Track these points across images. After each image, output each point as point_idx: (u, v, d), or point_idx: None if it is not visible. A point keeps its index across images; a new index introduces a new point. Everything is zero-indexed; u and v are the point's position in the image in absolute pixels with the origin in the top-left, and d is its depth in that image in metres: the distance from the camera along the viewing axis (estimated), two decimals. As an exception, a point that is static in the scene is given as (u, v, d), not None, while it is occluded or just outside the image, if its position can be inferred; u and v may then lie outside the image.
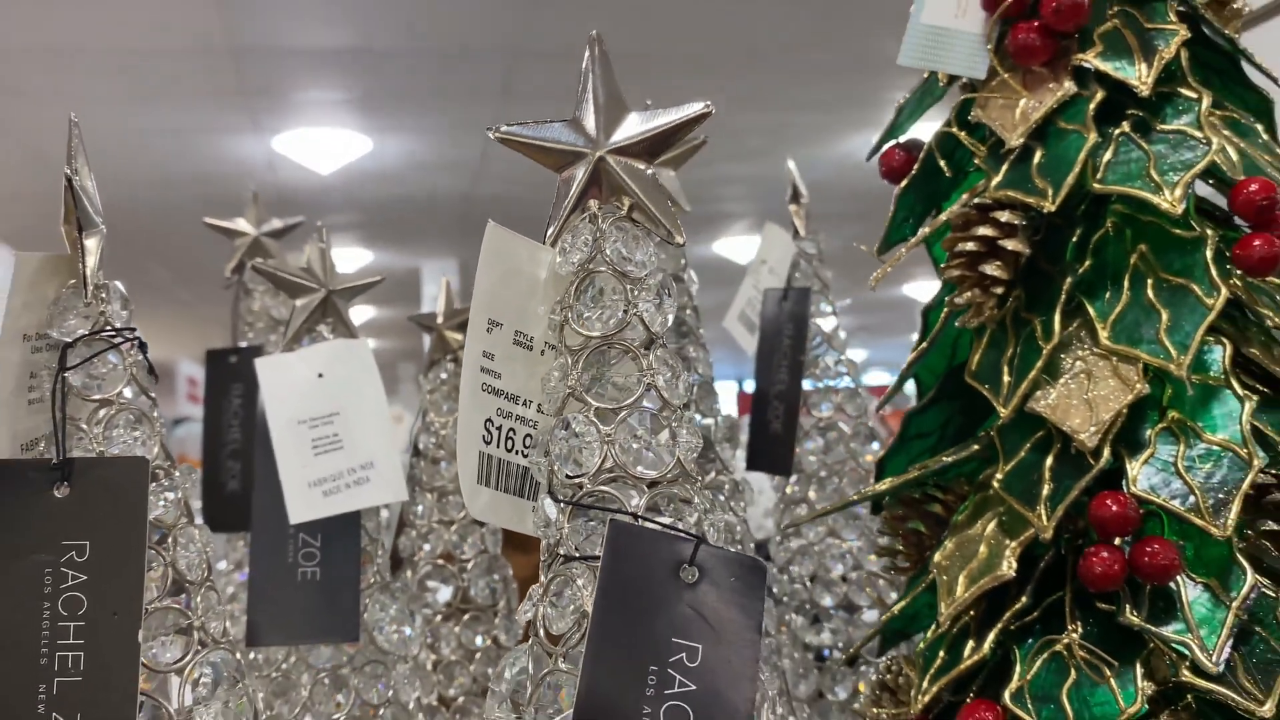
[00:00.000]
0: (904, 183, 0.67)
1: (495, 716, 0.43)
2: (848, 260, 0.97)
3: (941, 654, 0.61)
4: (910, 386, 0.74)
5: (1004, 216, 0.60)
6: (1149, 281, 0.59)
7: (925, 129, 0.69)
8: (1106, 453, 0.57)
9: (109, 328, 0.48)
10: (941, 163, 0.65)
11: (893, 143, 0.70)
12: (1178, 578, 0.55)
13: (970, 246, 0.60)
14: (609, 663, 0.39)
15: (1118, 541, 0.56)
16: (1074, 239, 0.62)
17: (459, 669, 0.84)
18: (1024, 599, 0.59)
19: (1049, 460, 0.59)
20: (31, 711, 0.45)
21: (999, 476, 0.61)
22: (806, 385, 0.96)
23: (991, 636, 0.59)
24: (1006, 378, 0.61)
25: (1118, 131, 0.60)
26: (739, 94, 4.79)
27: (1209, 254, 0.58)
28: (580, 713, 0.38)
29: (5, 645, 0.46)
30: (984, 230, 0.60)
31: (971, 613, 0.61)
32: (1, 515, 0.46)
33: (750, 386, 0.98)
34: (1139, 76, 0.59)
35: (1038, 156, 0.61)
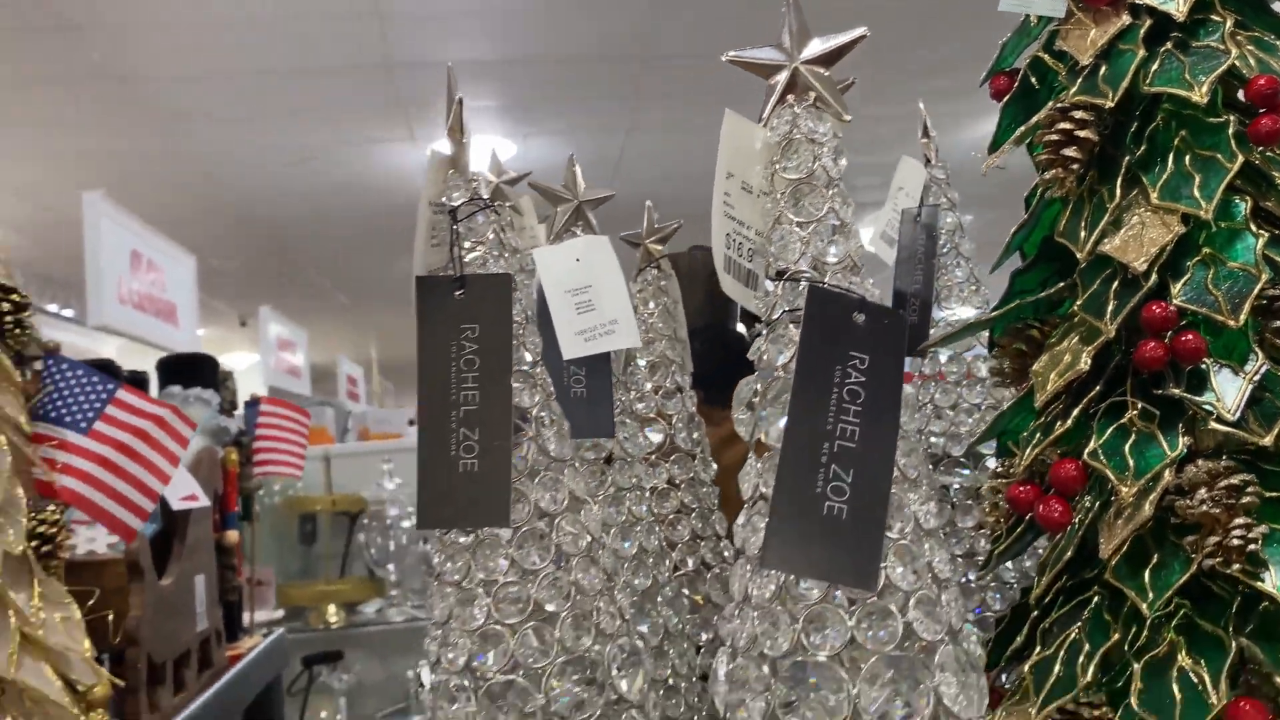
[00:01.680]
0: (1007, 99, 0.90)
1: (739, 416, 0.68)
2: (984, 242, 1.18)
3: (1038, 435, 0.84)
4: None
5: (1079, 115, 0.83)
6: (1186, 156, 0.81)
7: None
8: (1155, 277, 0.79)
9: (479, 198, 0.76)
10: (1033, 80, 0.88)
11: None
12: (1207, 360, 0.77)
13: (1055, 137, 0.83)
14: (811, 369, 0.65)
15: (1166, 339, 0.79)
16: (1133, 130, 0.84)
17: (669, 494, 1.10)
18: (1098, 388, 0.82)
19: (1114, 287, 0.81)
20: (448, 425, 0.73)
21: (1079, 304, 0.84)
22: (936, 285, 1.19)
23: (1074, 414, 0.81)
24: (1083, 233, 0.84)
25: (1162, 49, 0.82)
26: (870, 85, 4.97)
27: (1230, 132, 0.80)
28: (795, 395, 0.64)
29: (433, 389, 0.73)
30: (1064, 125, 0.83)
31: (1059, 405, 0.84)
32: (425, 310, 0.74)
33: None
34: (1177, 7, 0.82)
35: (1102, 70, 0.83)
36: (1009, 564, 1.09)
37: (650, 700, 0.75)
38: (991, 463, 1.16)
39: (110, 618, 1.33)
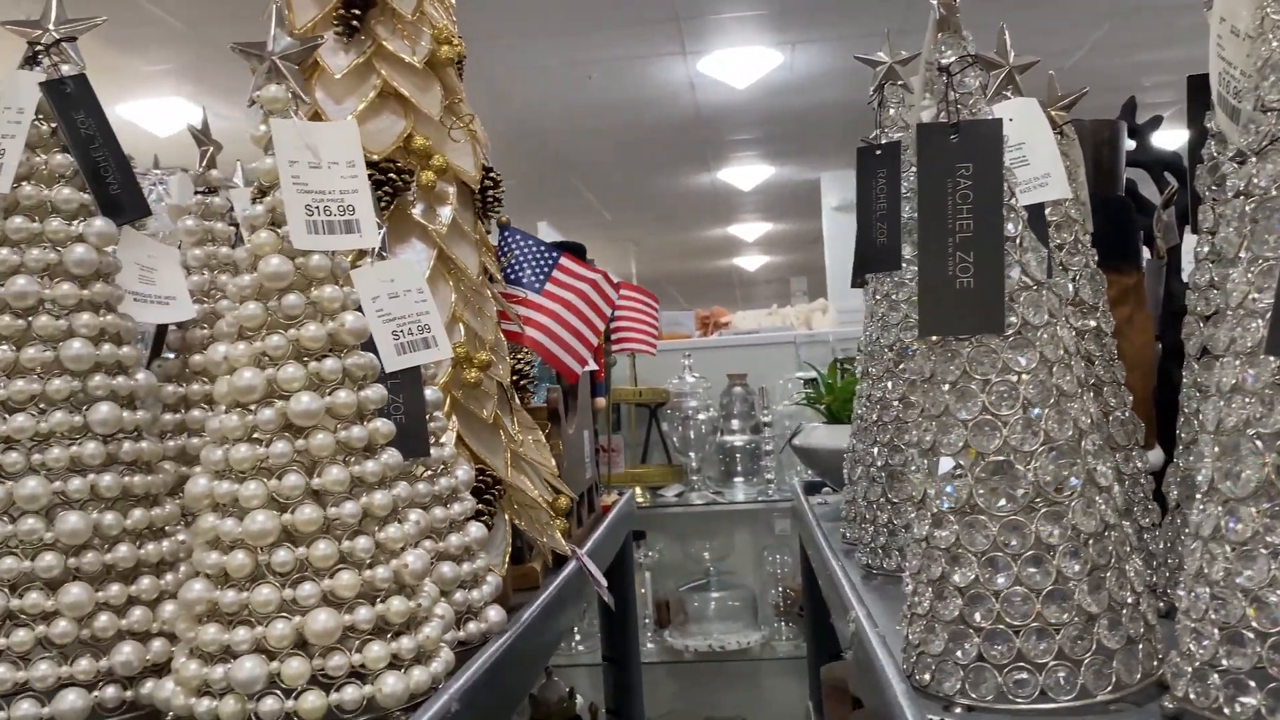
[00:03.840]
0: None
1: (1225, 235, 0.78)
2: None
3: None
4: None
5: None
6: None
7: None
8: None
9: (968, 55, 0.88)
10: None
11: None
12: None
13: None
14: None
15: None
16: None
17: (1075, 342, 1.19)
18: None
19: None
20: (946, 250, 0.86)
21: None
22: None
23: None
24: None
25: None
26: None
27: None
28: None
29: (932, 220, 0.87)
30: None
31: None
32: (925, 153, 0.87)
33: None
34: None
35: None
36: None
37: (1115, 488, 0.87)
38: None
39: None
